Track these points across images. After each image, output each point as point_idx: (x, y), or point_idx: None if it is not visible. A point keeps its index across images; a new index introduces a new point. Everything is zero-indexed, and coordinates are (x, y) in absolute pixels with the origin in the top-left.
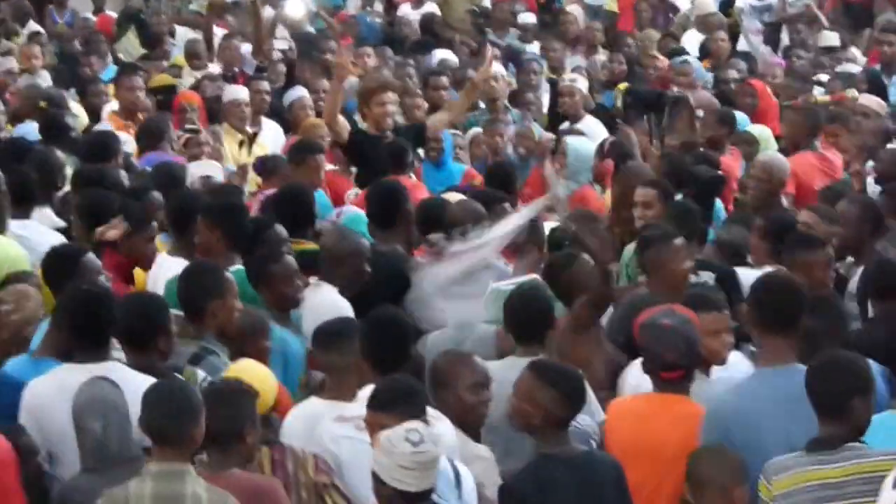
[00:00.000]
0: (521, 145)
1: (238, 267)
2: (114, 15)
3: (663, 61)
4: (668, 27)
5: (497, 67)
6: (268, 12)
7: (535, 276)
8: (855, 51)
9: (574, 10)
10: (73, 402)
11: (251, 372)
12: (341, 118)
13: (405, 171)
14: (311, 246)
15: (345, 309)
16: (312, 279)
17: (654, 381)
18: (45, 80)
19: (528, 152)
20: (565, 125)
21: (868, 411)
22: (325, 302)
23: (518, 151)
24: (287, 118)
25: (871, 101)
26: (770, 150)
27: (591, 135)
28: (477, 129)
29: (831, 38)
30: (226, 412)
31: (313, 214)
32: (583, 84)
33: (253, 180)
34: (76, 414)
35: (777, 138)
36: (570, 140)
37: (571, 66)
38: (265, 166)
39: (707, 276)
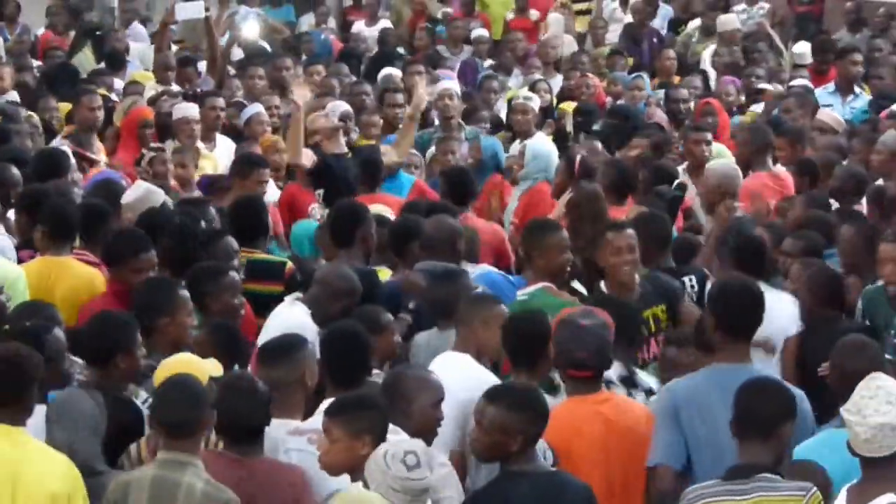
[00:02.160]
0: (470, 158)
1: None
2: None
3: (594, 79)
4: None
5: (451, 85)
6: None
7: (546, 284)
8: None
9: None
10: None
11: (190, 365)
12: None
13: (376, 187)
14: (261, 255)
15: (310, 331)
16: (289, 297)
17: (562, 377)
18: (13, 98)
19: (476, 164)
20: (515, 143)
21: (789, 441)
22: (291, 321)
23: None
24: (244, 134)
25: (827, 116)
26: (721, 160)
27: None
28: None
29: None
30: (246, 403)
31: (266, 225)
32: (536, 102)
33: None
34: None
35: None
36: (530, 141)
37: (529, 84)
38: (213, 185)
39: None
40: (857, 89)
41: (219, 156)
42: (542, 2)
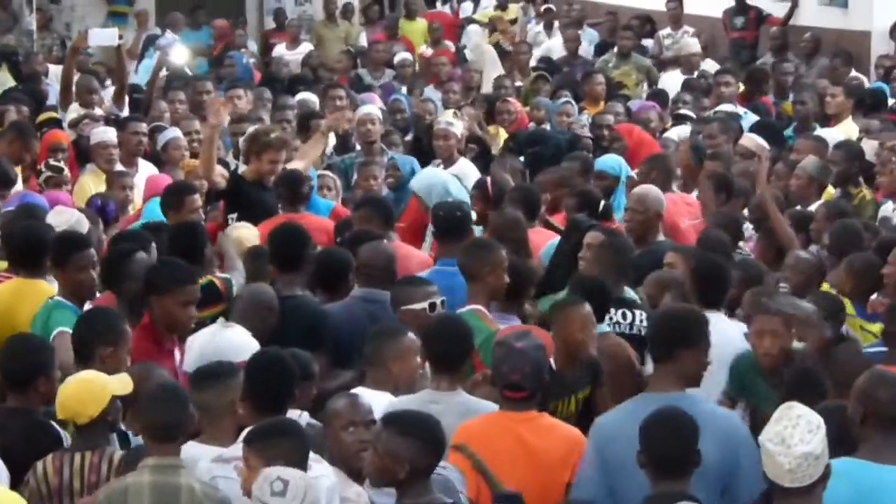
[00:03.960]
0: (389, 177)
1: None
2: None
3: (515, 104)
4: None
5: (371, 110)
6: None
7: (478, 308)
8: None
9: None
10: None
11: (94, 382)
12: (218, 166)
13: (299, 206)
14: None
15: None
16: (219, 323)
17: (500, 397)
18: None
19: (395, 184)
20: (439, 167)
21: (700, 461)
22: (234, 342)
23: (387, 183)
24: (162, 159)
25: (750, 142)
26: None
27: (464, 177)
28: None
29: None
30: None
31: (203, 250)
32: (459, 127)
33: None
34: None
35: None
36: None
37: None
38: (104, 210)
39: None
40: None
41: (141, 182)
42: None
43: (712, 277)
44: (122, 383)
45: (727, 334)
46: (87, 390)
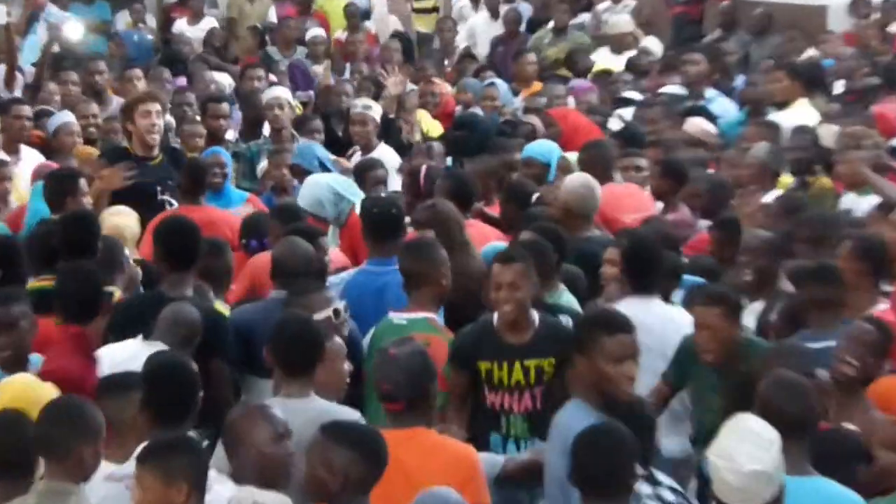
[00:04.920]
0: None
1: None
2: None
3: (442, 86)
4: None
5: (282, 92)
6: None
7: (430, 315)
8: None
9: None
10: None
11: (28, 389)
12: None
13: (200, 197)
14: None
15: None
16: (137, 340)
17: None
18: None
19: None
20: (357, 155)
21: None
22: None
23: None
24: (52, 145)
25: (695, 128)
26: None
27: (385, 163)
28: (264, 164)
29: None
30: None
31: (97, 240)
32: (377, 111)
33: None
34: None
35: None
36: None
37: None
38: None
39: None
40: (708, 93)
41: (25, 171)
42: None
43: (644, 258)
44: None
45: (666, 319)
46: (30, 400)
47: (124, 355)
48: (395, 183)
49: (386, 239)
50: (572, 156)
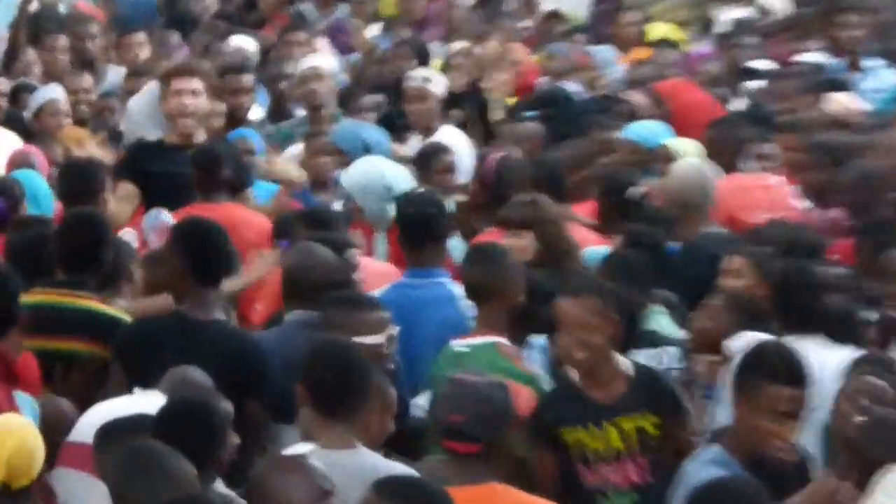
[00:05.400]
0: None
1: None
2: None
3: (522, 52)
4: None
5: (319, 61)
6: None
7: (500, 340)
8: None
9: None
10: None
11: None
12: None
13: (216, 192)
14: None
15: None
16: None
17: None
18: None
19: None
20: (413, 140)
21: None
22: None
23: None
24: (33, 127)
25: (841, 105)
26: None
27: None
28: (297, 148)
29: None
30: None
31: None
32: (440, 84)
33: None
34: None
35: None
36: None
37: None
38: None
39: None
40: (866, 63)
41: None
42: None
43: (803, 290)
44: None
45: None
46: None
47: (116, 406)
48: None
49: (424, 245)
50: (684, 142)
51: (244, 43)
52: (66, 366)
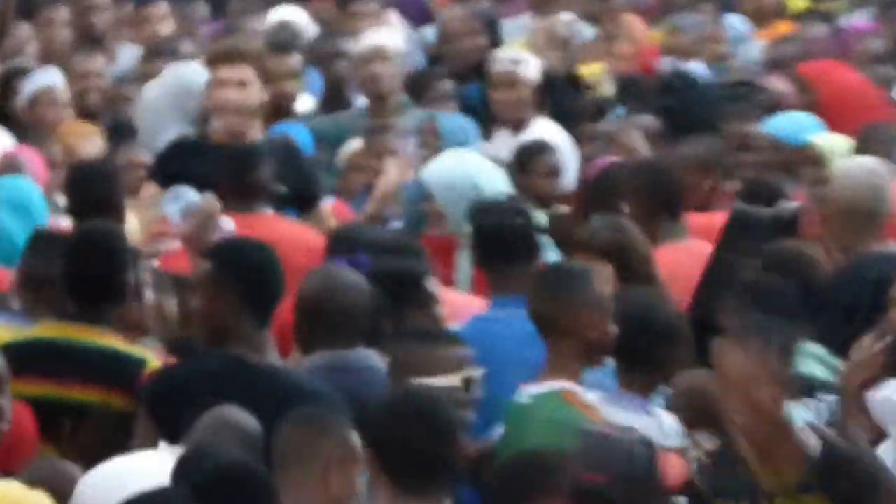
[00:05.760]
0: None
1: None
2: None
3: (631, 23)
4: None
5: (385, 39)
6: None
7: (568, 386)
8: None
9: None
10: None
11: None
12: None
13: (254, 202)
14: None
15: None
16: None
17: None
18: None
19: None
20: (503, 136)
21: None
22: None
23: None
24: (24, 118)
25: None
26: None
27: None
28: (353, 146)
29: None
30: None
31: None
32: (534, 68)
33: None
34: None
35: None
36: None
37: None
38: None
39: None
40: None
41: None
42: None
43: None
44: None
45: None
46: None
47: (140, 465)
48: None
49: (506, 267)
50: (837, 139)
51: (293, 15)
52: (76, 419)
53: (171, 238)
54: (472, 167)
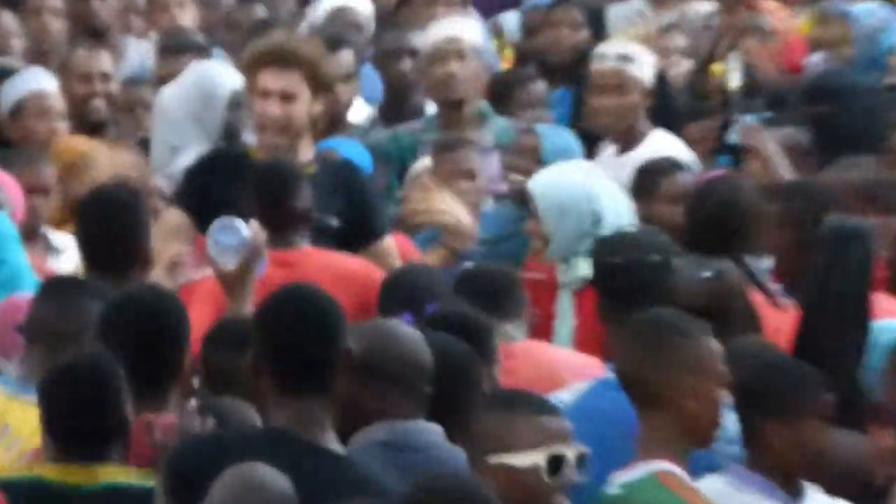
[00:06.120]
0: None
1: None
2: None
3: (783, 13)
4: None
5: (459, 31)
6: None
7: (665, 467)
8: None
9: None
10: None
11: None
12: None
13: (292, 233)
14: None
15: None
16: None
17: None
18: None
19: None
20: (610, 151)
21: None
22: None
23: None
24: (8, 132)
25: None
26: None
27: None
28: (423, 165)
29: None
30: None
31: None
32: (647, 66)
33: None
34: None
35: None
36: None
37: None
38: None
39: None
40: None
41: None
42: None
43: None
44: None
45: None
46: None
47: None
48: None
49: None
50: None
51: (350, 2)
52: None
53: (192, 269)
54: (593, 187)
